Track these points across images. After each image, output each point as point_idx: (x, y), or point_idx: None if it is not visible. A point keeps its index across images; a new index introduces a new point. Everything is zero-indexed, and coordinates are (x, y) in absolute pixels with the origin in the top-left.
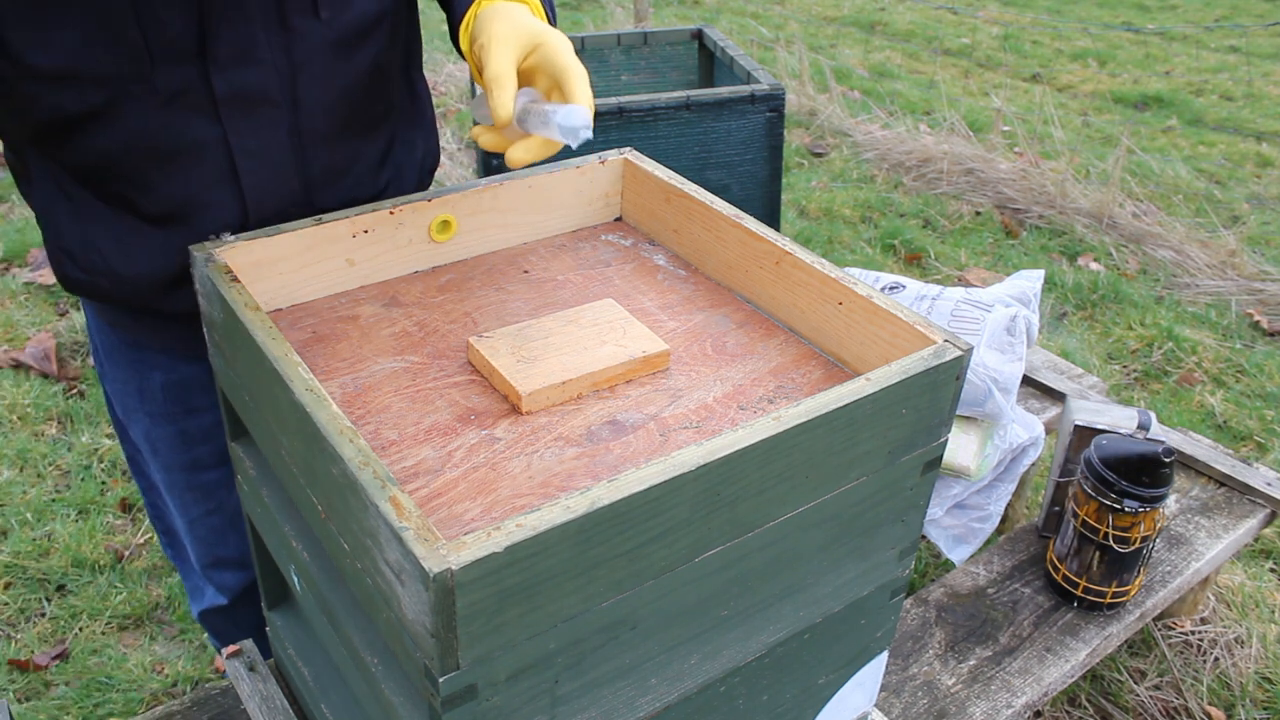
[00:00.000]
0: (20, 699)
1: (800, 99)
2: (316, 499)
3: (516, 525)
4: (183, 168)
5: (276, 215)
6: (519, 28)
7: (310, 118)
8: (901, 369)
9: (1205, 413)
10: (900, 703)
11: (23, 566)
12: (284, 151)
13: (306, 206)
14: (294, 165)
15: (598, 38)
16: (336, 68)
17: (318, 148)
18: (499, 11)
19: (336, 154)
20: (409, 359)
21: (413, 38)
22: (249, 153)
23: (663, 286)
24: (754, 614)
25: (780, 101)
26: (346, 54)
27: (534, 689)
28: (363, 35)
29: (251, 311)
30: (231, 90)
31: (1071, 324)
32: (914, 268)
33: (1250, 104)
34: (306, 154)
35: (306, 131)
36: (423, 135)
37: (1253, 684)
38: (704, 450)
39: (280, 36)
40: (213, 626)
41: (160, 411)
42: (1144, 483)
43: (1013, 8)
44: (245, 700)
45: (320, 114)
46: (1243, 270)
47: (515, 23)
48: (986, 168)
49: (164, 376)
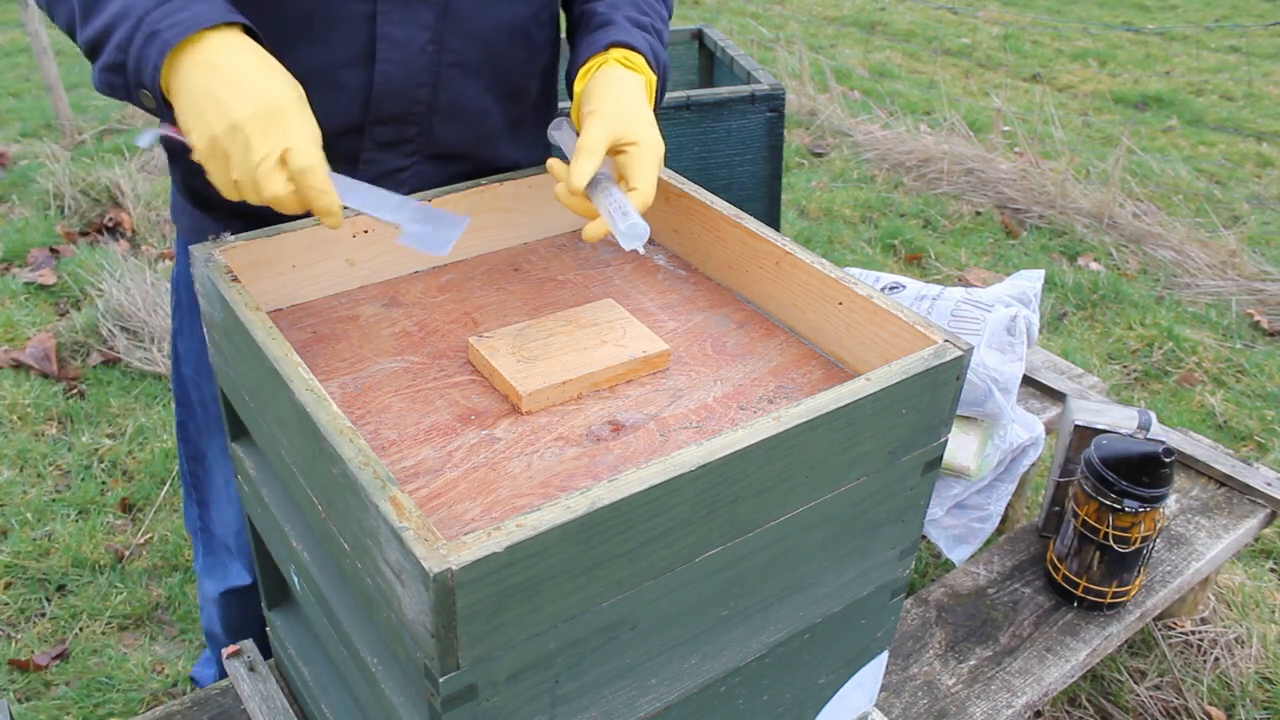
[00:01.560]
0: (20, 699)
1: (800, 99)
2: (317, 499)
3: (516, 525)
4: (326, 37)
5: (395, 120)
6: (626, 115)
7: (455, 35)
8: (902, 369)
9: (1205, 413)
10: (900, 703)
11: (23, 566)
12: (424, 55)
13: (426, 134)
14: (427, 75)
15: None
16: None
17: (452, 71)
18: (618, 82)
19: (467, 92)
20: (409, 359)
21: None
22: (391, 39)
23: (663, 286)
24: (754, 614)
25: (780, 101)
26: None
27: (534, 689)
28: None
29: (251, 311)
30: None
31: (1071, 324)
32: (914, 268)
33: (1250, 104)
34: (442, 72)
35: (449, 48)
36: (539, 133)
37: (1253, 684)
38: (704, 450)
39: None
40: (228, 608)
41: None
42: (1144, 483)
43: (1013, 8)
44: (245, 700)
45: (467, 34)
46: (1243, 270)
47: (626, 106)
48: (987, 168)
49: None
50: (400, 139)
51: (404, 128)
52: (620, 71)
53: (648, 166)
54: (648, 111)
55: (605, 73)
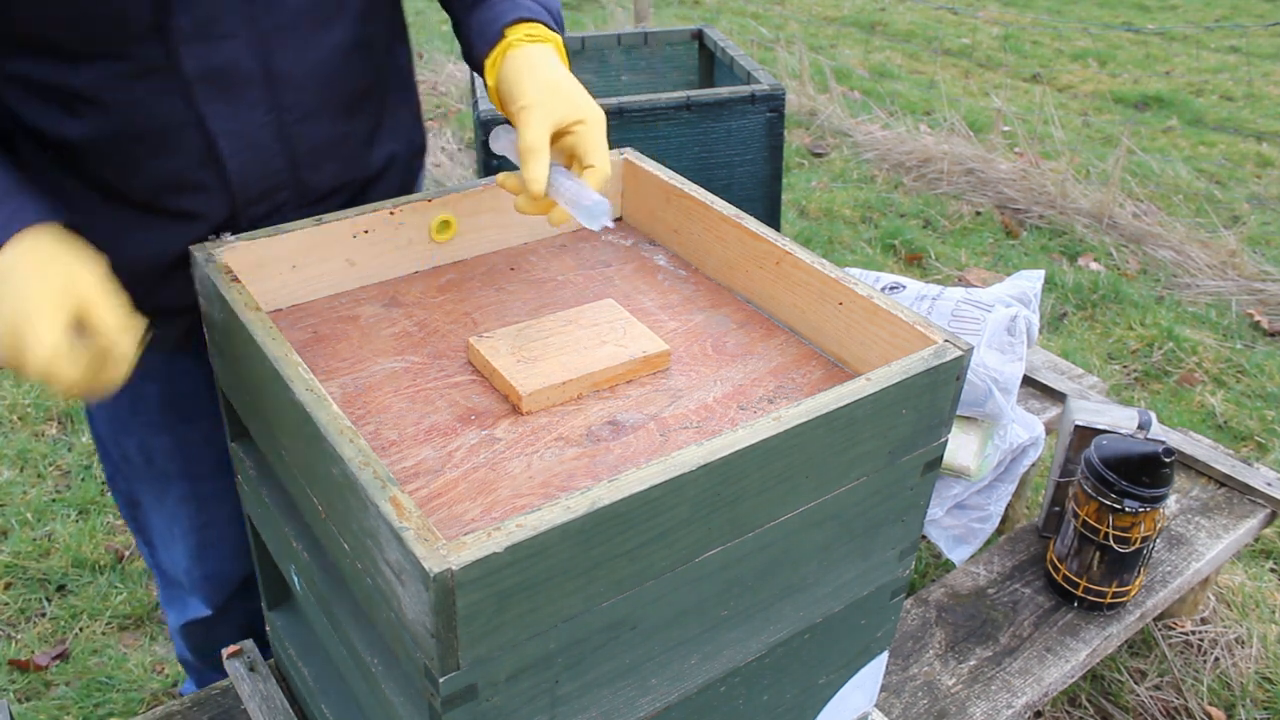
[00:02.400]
0: (20, 699)
1: (800, 99)
2: (316, 499)
3: (517, 525)
4: (165, 150)
5: (265, 196)
6: (558, 97)
7: (290, 93)
8: (902, 369)
9: (1205, 413)
10: (900, 703)
11: (23, 566)
12: (266, 131)
13: (296, 187)
14: (278, 144)
15: (598, 38)
16: (312, 39)
17: (302, 125)
18: (534, 64)
19: (323, 131)
20: (409, 359)
21: (395, 12)
22: (229, 134)
23: (663, 286)
24: (754, 614)
25: (780, 101)
26: (322, 24)
27: (534, 689)
28: (337, 3)
29: (251, 311)
30: (201, 68)
31: (1071, 324)
32: (914, 268)
33: (1250, 104)
34: (290, 132)
35: (288, 108)
36: (410, 114)
37: (1253, 684)
38: (704, 450)
39: (246, 6)
40: (192, 639)
41: (157, 421)
42: (1144, 483)
43: (1013, 8)
44: (245, 700)
45: (300, 89)
46: (1243, 270)
47: (554, 88)
48: (987, 168)
49: (160, 386)
50: (275, 208)
51: (275, 196)
52: (529, 50)
53: (597, 140)
54: (574, 81)
55: (515, 58)
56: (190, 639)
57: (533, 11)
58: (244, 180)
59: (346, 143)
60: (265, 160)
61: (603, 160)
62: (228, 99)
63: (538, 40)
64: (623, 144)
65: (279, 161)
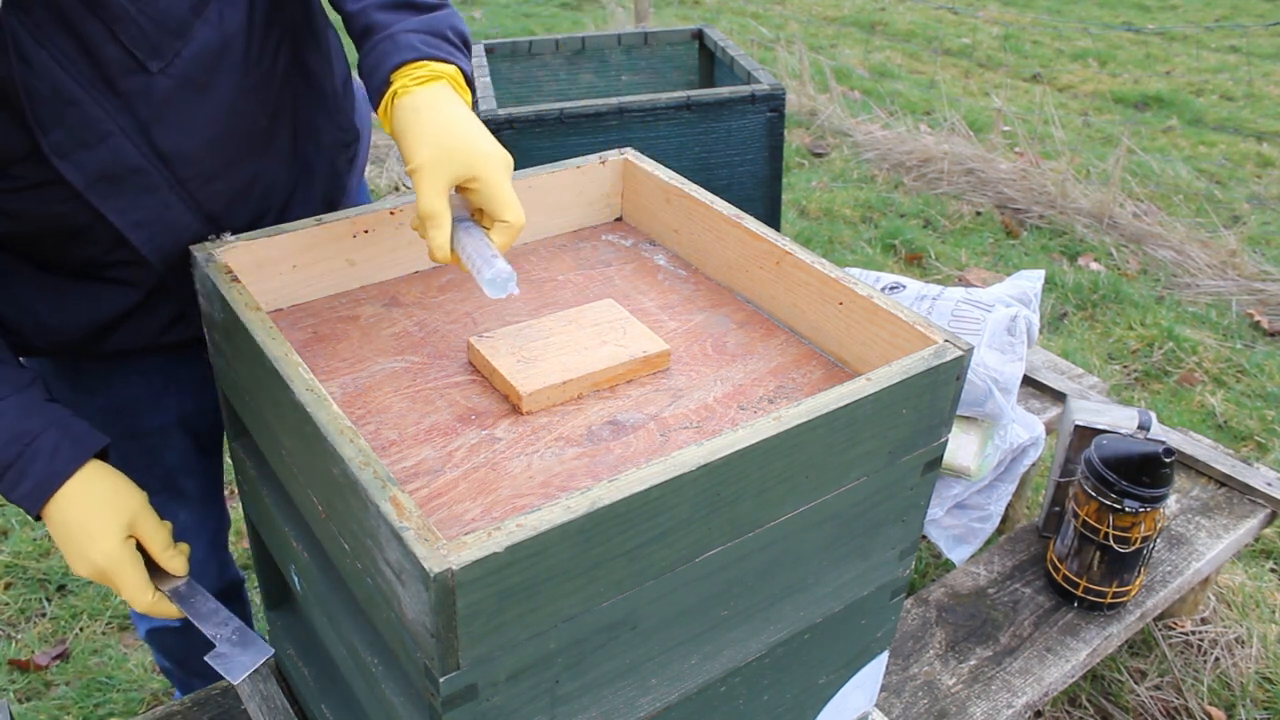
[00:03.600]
0: (21, 699)
1: (800, 99)
2: (316, 499)
3: (517, 525)
4: (79, 242)
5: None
6: (451, 153)
7: (187, 165)
8: (902, 369)
9: (1205, 413)
10: (900, 703)
11: (23, 566)
12: (174, 209)
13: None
14: (190, 214)
15: (598, 38)
16: (194, 109)
17: (209, 186)
18: (420, 114)
19: (234, 183)
20: (409, 359)
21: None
22: (135, 225)
23: (663, 286)
24: (754, 614)
25: (780, 101)
26: (200, 91)
27: (534, 689)
28: (211, 68)
29: (252, 311)
30: (89, 175)
31: (1072, 324)
32: (914, 268)
33: (1250, 104)
34: (198, 198)
35: (189, 179)
36: (325, 116)
37: (1253, 684)
38: (704, 450)
39: (115, 102)
40: (162, 645)
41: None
42: (1144, 483)
43: (1013, 8)
44: (245, 700)
45: (196, 159)
46: (1243, 270)
47: (445, 141)
48: (987, 168)
49: (103, 400)
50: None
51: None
52: (417, 97)
53: (500, 190)
54: (466, 126)
55: (403, 108)
56: (161, 646)
57: (417, 50)
58: (162, 254)
59: (260, 181)
60: (178, 230)
61: (512, 213)
62: (124, 192)
63: (425, 82)
64: (623, 144)
65: (195, 225)
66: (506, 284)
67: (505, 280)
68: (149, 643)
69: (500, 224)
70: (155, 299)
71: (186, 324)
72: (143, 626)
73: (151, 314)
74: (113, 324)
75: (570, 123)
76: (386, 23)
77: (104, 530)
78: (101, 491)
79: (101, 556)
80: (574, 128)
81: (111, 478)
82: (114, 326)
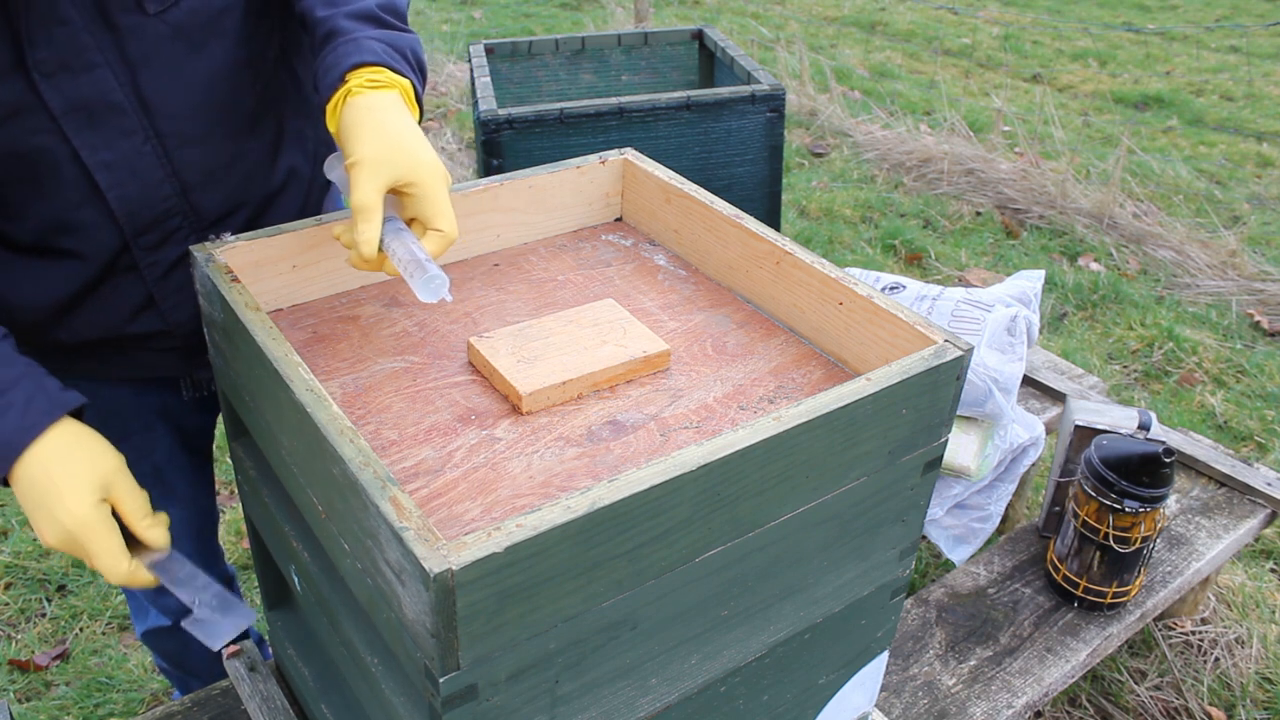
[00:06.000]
0: (21, 699)
1: (800, 99)
2: (317, 499)
3: (517, 525)
4: (44, 188)
5: (155, 224)
6: (394, 154)
7: (167, 120)
8: (902, 369)
9: (1205, 413)
10: (900, 703)
11: (23, 567)
12: (146, 159)
13: (189, 213)
14: (162, 171)
15: (598, 38)
16: (185, 64)
17: (186, 150)
18: (372, 113)
19: (211, 154)
20: (409, 359)
21: (289, 34)
22: (105, 165)
23: (663, 286)
24: (754, 614)
25: (780, 101)
26: (194, 48)
27: (534, 689)
28: (208, 27)
29: (252, 311)
30: (68, 101)
31: (1072, 324)
32: (914, 268)
33: (1251, 104)
34: (174, 158)
35: (168, 135)
36: (311, 126)
37: (1253, 684)
38: (704, 450)
39: (108, 36)
40: (158, 646)
41: None
42: (1144, 483)
43: (1013, 8)
44: (245, 700)
45: (176, 116)
46: (1243, 270)
47: (389, 142)
48: (987, 168)
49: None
50: (167, 235)
51: (167, 223)
52: (370, 98)
53: (437, 199)
54: (413, 134)
55: (354, 106)
56: (158, 647)
57: (377, 56)
58: (129, 210)
59: (240, 163)
60: (150, 188)
61: (447, 223)
62: (98, 129)
63: (380, 87)
64: (623, 144)
65: (166, 188)
66: (440, 289)
67: (440, 285)
68: (145, 644)
69: (434, 232)
70: (118, 278)
71: (155, 313)
72: (139, 628)
73: (115, 296)
74: (69, 304)
75: (570, 123)
76: (351, 29)
77: (75, 489)
78: (76, 450)
79: (70, 518)
80: (574, 128)
81: (87, 436)
82: (70, 308)
